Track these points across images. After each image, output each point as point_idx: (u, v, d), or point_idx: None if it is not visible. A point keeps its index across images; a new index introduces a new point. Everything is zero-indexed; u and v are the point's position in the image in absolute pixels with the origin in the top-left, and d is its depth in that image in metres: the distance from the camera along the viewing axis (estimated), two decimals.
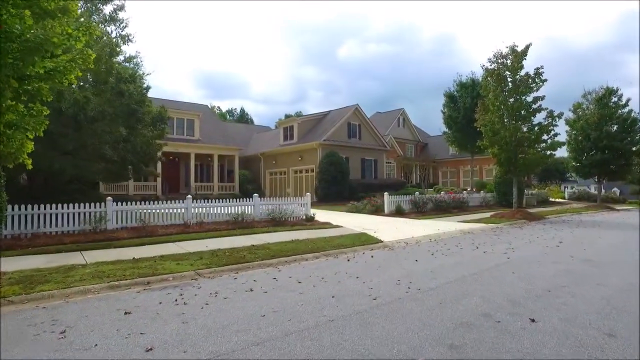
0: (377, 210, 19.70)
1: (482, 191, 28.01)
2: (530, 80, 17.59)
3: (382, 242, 11.02)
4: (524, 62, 17.70)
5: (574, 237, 12.01)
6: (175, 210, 13.32)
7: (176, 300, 5.54)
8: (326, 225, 14.58)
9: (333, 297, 5.46)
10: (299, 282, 6.45)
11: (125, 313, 4.93)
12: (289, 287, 6.17)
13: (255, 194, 15.11)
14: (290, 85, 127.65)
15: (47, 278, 6.62)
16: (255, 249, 9.61)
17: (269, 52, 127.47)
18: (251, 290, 6.03)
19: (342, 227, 14.21)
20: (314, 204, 26.71)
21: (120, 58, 26.44)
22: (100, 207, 11.79)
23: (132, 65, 26.77)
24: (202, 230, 12.41)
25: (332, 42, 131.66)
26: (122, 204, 12.25)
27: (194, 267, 7.70)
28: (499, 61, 18.22)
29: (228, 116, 67.76)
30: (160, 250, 9.51)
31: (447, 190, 28.30)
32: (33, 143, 7.49)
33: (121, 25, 25.92)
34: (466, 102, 34.23)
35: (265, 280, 6.75)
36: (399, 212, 19.03)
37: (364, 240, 11.13)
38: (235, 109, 69.88)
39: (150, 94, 20.96)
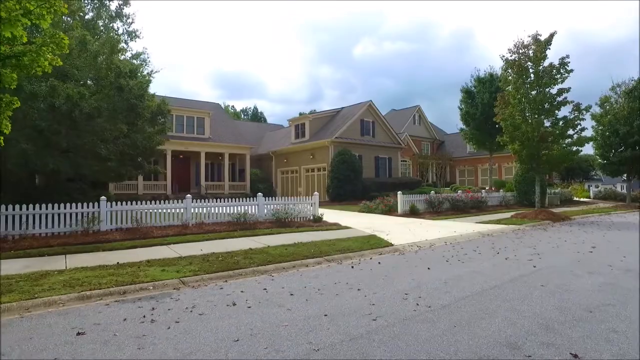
0: (390, 211, 18.74)
1: (501, 190, 26.70)
2: (554, 71, 16.34)
3: (392, 245, 10.10)
4: (547, 52, 16.46)
5: (607, 241, 10.81)
6: (174, 211, 12.66)
7: (144, 316, 4.76)
8: (334, 226, 13.72)
9: (326, 315, 4.61)
10: (291, 295, 5.62)
11: (78, 334, 4.17)
12: (278, 300, 5.33)
13: (260, 193, 14.35)
14: (307, 85, 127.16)
15: (13, 287, 5.94)
16: (252, 253, 8.81)
17: (285, 52, 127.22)
18: (234, 304, 5.22)
19: (351, 228, 13.33)
20: (325, 204, 25.92)
21: (128, 55, 26.22)
22: (93, 207, 11.18)
23: (139, 62, 26.51)
24: (201, 231, 11.70)
25: (348, 40, 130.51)
26: (119, 204, 11.62)
27: (180, 275, 6.94)
28: (520, 51, 17.01)
29: (242, 115, 67.44)
30: (150, 253, 8.82)
31: (464, 189, 27.07)
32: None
33: (127, 21, 25.74)
34: (484, 98, 32.84)
35: (254, 291, 5.93)
36: (413, 213, 18.03)
37: (372, 243, 10.22)
38: (250, 108, 69.44)
39: (160, 92, 20.61)
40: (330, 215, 17.84)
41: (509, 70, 17.49)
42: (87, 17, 23.51)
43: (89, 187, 17.20)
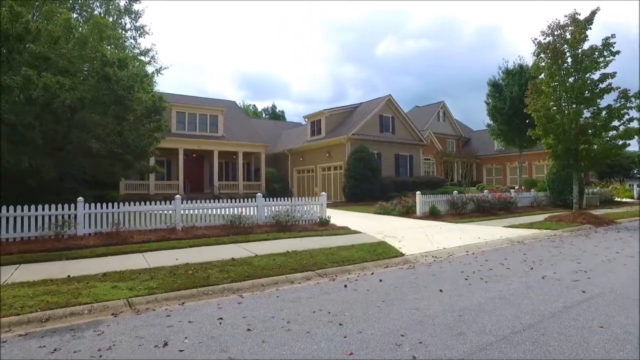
0: (408, 212, 17.06)
1: (532, 190, 24.49)
2: (596, 53, 14.27)
3: (402, 255, 8.53)
4: (588, 33, 14.41)
5: None
6: (164, 212, 11.47)
7: None
8: (342, 230, 12.22)
9: None
10: (248, 330, 4.18)
11: None
12: (225, 341, 3.91)
13: (259, 194, 13.01)
14: (330, 84, 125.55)
15: None
16: (233, 264, 7.45)
17: (308, 52, 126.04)
18: (165, 344, 3.84)
19: (360, 233, 11.81)
20: (340, 205, 24.42)
21: (136, 51, 25.51)
22: (69, 209, 10.09)
23: (147, 59, 25.77)
24: (187, 236, 10.44)
25: (370, 39, 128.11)
26: (98, 206, 10.48)
27: (132, 293, 5.65)
28: (555, 33, 15.01)
29: (264, 115, 66.49)
30: (117, 263, 7.59)
31: (491, 189, 24.98)
32: None
33: (136, 17, 25.01)
34: (513, 91, 30.54)
35: (204, 322, 4.53)
36: (433, 215, 16.30)
37: (380, 252, 8.68)
38: (272, 107, 68.43)
39: (175, 91, 19.69)
40: (341, 217, 16.38)
41: (542, 55, 15.51)
42: (95, 12, 22.88)
43: (87, 186, 16.32)
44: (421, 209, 16.55)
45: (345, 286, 6.10)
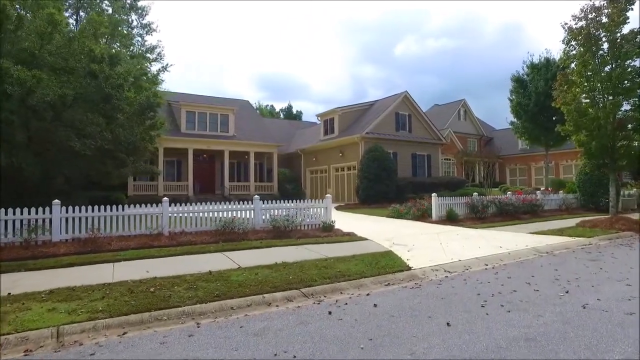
0: (423, 216, 15.70)
1: (560, 191, 22.66)
2: (638, 37, 12.60)
3: (409, 269, 7.27)
4: (629, 14, 12.77)
5: None
6: (151, 216, 10.51)
7: None
8: (346, 237, 11.01)
9: None
10: None
11: None
12: None
13: (256, 196, 11.93)
14: (350, 85, 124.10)
15: None
16: (206, 279, 6.36)
17: (327, 53, 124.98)
18: None
19: (366, 240, 10.60)
20: (352, 207, 23.14)
21: (142, 49, 24.89)
22: (44, 212, 9.22)
23: (154, 56, 25.10)
24: (172, 243, 9.42)
25: (390, 39, 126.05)
26: (76, 210, 9.57)
27: (67, 319, 4.64)
28: (589, 16, 13.41)
29: (281, 115, 65.61)
30: (78, 276, 6.64)
31: (515, 190, 23.25)
32: None
33: (142, 14, 24.38)
34: (538, 86, 28.65)
35: None
36: (450, 219, 14.89)
37: (383, 265, 7.45)
38: (288, 106, 67.54)
39: (186, 90, 18.90)
40: (350, 221, 15.20)
41: (573, 43, 13.92)
42: (97, 10, 22.33)
43: (92, 187, 15.66)
44: (437, 212, 15.16)
45: (330, 313, 4.91)
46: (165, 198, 10.78)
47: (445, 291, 5.79)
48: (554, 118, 27.83)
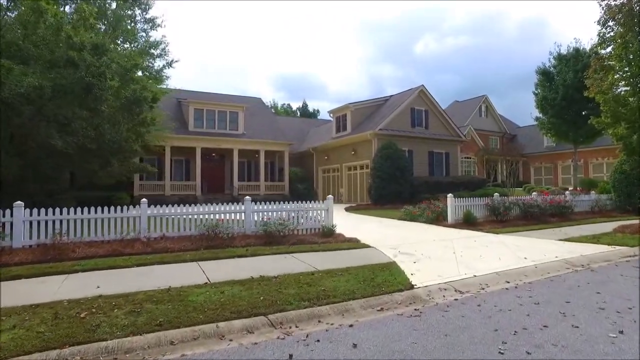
0: (438, 219, 14.26)
1: (592, 192, 20.76)
2: None
3: (411, 287, 5.96)
4: None
5: None
6: (127, 219, 9.48)
7: None
8: (346, 244, 9.74)
9: None
10: None
11: None
12: None
13: (247, 197, 10.76)
14: (368, 84, 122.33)
15: None
16: (158, 300, 5.21)
17: (345, 52, 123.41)
18: None
19: (369, 247, 9.34)
20: (364, 208, 21.72)
21: (146, 44, 24.11)
22: (4, 216, 8.27)
23: (158, 52, 24.27)
24: (145, 250, 8.35)
25: (408, 38, 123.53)
26: (42, 213, 8.59)
27: None
28: None
29: (298, 113, 64.45)
30: (16, 292, 5.65)
31: (540, 190, 21.42)
32: None
33: (146, 8, 23.56)
34: (567, 78, 26.67)
35: None
36: (467, 222, 13.42)
37: (380, 282, 6.16)
38: (303, 104, 66.42)
39: (193, 88, 18.01)
40: (357, 224, 13.97)
41: (611, 23, 12.24)
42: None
43: (78, 187, 14.84)
44: (453, 215, 13.71)
45: (291, 357, 3.66)
46: (144, 199, 9.71)
47: (452, 323, 4.46)
48: (583, 112, 25.84)
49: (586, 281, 6.29)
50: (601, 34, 12.67)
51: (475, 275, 6.64)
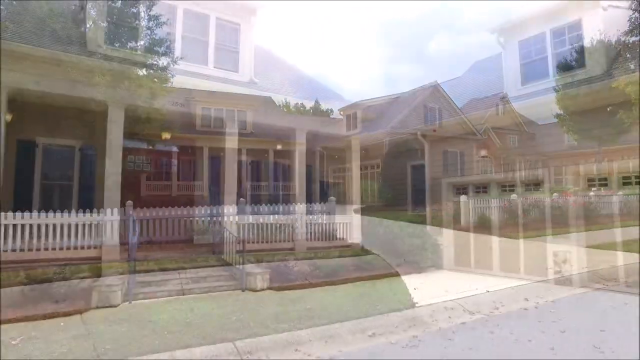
0: (451, 221, 13.28)
1: (620, 192, 19.39)
2: None
3: (412, 306, 5.13)
4: None
5: None
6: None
7: None
8: (348, 250, 9.10)
9: None
10: None
11: None
12: None
13: (242, 199, 10.04)
14: (385, 84, 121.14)
15: None
16: None
17: (362, 53, 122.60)
18: None
19: (372, 254, 8.63)
20: (375, 210, 20.86)
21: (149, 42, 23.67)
22: None
23: (163, 49, 23.81)
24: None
25: (425, 36, 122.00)
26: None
27: None
28: None
29: (311, 112, 63.94)
30: None
31: (562, 191, 20.14)
32: None
33: (150, 5, 23.10)
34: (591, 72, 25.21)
35: None
36: (482, 226, 12.40)
37: (377, 298, 5.35)
38: (315, 102, 66.01)
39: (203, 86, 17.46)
40: (364, 225, 13.08)
41: None
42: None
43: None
44: (466, 217, 12.71)
45: None
46: (130, 203, 9.00)
47: (456, 357, 3.58)
48: (608, 108, 24.44)
49: (623, 302, 5.30)
50: (632, 19, 11.52)
51: (488, 291, 5.76)
